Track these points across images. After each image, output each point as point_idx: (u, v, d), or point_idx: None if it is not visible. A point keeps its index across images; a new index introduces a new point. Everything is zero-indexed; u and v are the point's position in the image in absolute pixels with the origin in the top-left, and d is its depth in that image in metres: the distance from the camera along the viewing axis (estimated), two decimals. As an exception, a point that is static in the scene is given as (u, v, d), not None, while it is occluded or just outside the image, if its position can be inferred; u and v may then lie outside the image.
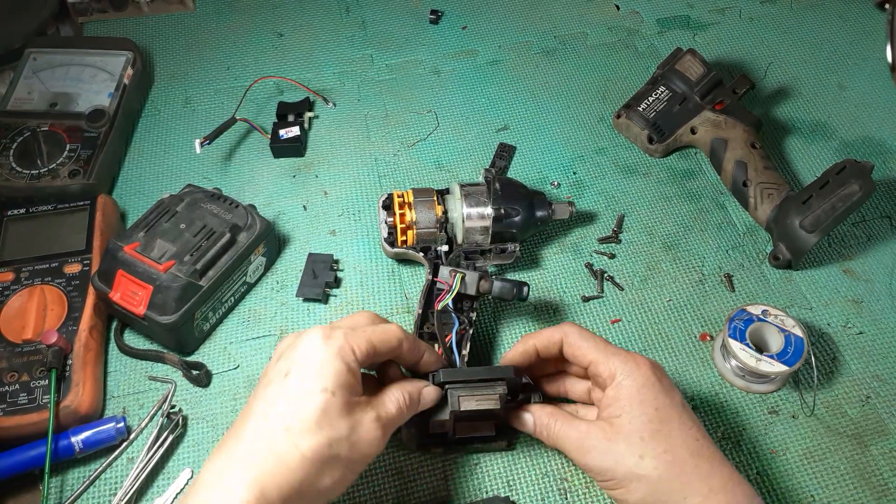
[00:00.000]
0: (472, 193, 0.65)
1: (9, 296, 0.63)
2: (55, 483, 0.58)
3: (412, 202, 0.66)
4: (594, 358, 0.52)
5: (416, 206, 0.65)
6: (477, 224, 0.65)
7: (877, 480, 0.58)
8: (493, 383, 0.54)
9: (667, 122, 0.77)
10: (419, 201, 0.66)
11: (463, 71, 0.87)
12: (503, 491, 0.57)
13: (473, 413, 0.53)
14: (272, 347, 0.65)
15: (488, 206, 0.65)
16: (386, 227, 0.67)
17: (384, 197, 0.68)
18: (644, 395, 0.50)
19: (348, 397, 0.46)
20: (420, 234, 0.65)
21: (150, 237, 0.62)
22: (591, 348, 0.53)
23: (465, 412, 0.53)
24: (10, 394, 0.59)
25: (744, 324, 0.61)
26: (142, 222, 0.64)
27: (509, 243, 0.67)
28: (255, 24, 0.93)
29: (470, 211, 0.65)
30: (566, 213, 0.69)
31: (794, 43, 0.90)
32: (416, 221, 0.65)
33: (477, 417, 0.55)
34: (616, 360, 0.51)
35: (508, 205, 0.65)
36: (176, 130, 0.82)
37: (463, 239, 0.65)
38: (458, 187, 0.66)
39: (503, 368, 0.55)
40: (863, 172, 0.66)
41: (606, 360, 0.52)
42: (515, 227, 0.66)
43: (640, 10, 0.94)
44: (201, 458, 0.59)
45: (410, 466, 0.59)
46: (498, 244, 0.67)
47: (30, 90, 0.79)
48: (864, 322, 0.66)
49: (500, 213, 0.65)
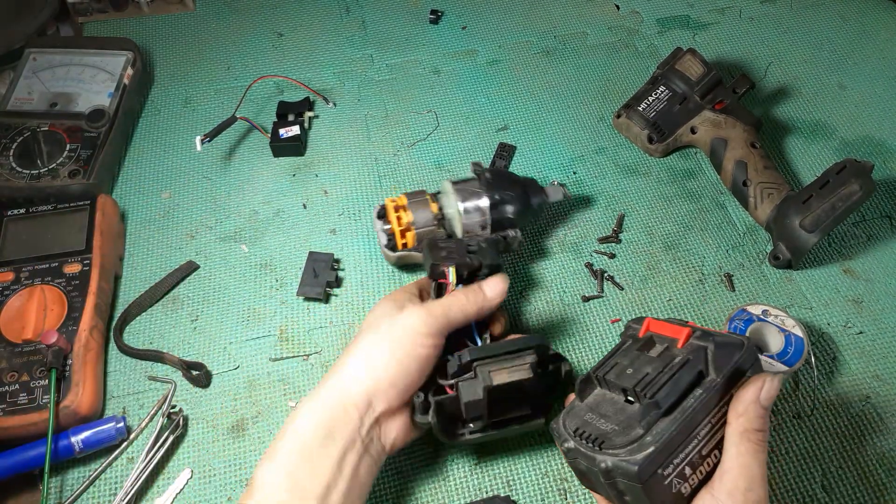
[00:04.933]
0: (465, 188, 0.65)
1: (9, 296, 0.63)
2: (55, 483, 0.58)
3: (406, 205, 0.66)
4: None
5: (411, 208, 0.65)
6: (476, 218, 0.65)
7: (877, 480, 0.58)
8: (521, 353, 0.52)
9: (667, 122, 0.77)
10: (414, 202, 0.66)
11: (463, 71, 0.87)
12: (503, 491, 0.57)
13: (507, 387, 0.51)
14: (272, 347, 0.65)
15: (483, 197, 0.64)
16: (384, 234, 0.67)
17: (377, 208, 0.68)
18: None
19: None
20: (420, 233, 0.65)
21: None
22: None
23: (499, 386, 0.51)
24: (10, 394, 0.59)
25: (744, 324, 0.61)
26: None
27: (509, 230, 0.66)
28: (255, 24, 0.93)
29: (466, 205, 0.64)
30: (559, 195, 0.69)
31: (794, 43, 0.90)
32: (414, 221, 0.65)
33: (511, 392, 0.52)
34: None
35: (502, 192, 0.65)
36: (176, 130, 0.82)
37: (462, 233, 0.65)
38: (450, 184, 0.66)
39: (529, 338, 0.53)
40: (863, 172, 0.66)
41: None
42: (513, 213, 0.66)
43: (640, 10, 0.94)
44: (201, 459, 0.59)
45: (410, 466, 0.59)
46: (499, 232, 0.66)
47: (30, 90, 0.79)
48: (864, 322, 0.66)
49: (496, 199, 0.65)
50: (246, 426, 0.61)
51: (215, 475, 0.58)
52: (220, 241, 0.72)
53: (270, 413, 0.62)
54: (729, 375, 0.45)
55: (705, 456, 0.44)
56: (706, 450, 0.44)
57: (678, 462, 0.43)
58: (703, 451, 0.44)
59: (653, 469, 0.42)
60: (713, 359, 0.45)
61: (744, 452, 0.43)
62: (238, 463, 0.59)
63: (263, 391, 0.63)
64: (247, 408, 0.62)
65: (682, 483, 0.43)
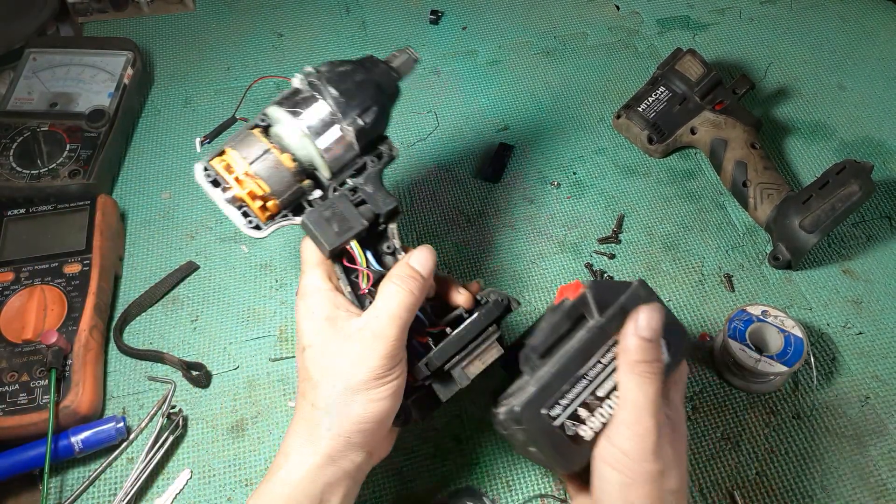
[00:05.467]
0: (309, 115, 0.50)
1: (9, 296, 0.63)
2: (55, 483, 0.58)
3: (247, 168, 0.49)
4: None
5: (255, 170, 0.49)
6: (341, 151, 0.51)
7: (876, 481, 0.58)
8: (484, 334, 0.49)
9: (667, 123, 0.77)
10: (256, 161, 0.49)
11: (463, 71, 0.87)
12: (503, 490, 0.57)
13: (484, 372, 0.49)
14: (272, 347, 0.65)
15: (343, 122, 0.50)
16: (235, 209, 0.50)
17: (200, 171, 0.50)
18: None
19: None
20: (284, 201, 0.50)
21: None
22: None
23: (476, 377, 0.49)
24: (10, 394, 0.59)
25: (743, 324, 0.62)
26: None
27: (382, 145, 0.53)
28: (255, 24, 0.93)
29: (327, 143, 0.50)
30: (410, 65, 0.56)
31: (794, 43, 0.90)
32: (273, 191, 0.49)
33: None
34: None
35: (361, 108, 0.51)
36: (176, 130, 0.82)
37: (331, 171, 0.52)
38: (289, 117, 0.50)
39: (486, 312, 0.49)
40: (862, 173, 0.66)
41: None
42: (379, 122, 0.52)
43: (641, 11, 0.94)
44: (201, 459, 0.59)
45: (410, 466, 0.59)
46: (369, 153, 0.53)
47: (30, 90, 0.79)
48: (863, 322, 0.67)
49: (361, 124, 0.50)
50: (246, 426, 0.61)
51: (215, 475, 0.59)
52: (220, 241, 0.72)
53: (270, 413, 0.62)
54: (612, 316, 0.44)
55: (603, 398, 0.44)
56: (602, 391, 0.44)
57: (566, 403, 0.43)
58: (598, 393, 0.43)
59: (534, 409, 0.42)
60: (595, 303, 0.45)
61: (629, 385, 0.42)
62: (238, 463, 0.59)
63: (263, 391, 0.63)
64: (246, 408, 0.62)
65: (579, 425, 0.43)
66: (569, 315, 0.45)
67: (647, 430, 0.41)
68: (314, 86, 0.51)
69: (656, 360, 0.43)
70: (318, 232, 0.49)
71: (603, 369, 0.44)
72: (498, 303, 0.50)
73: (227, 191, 0.49)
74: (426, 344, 0.50)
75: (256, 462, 0.59)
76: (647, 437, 0.41)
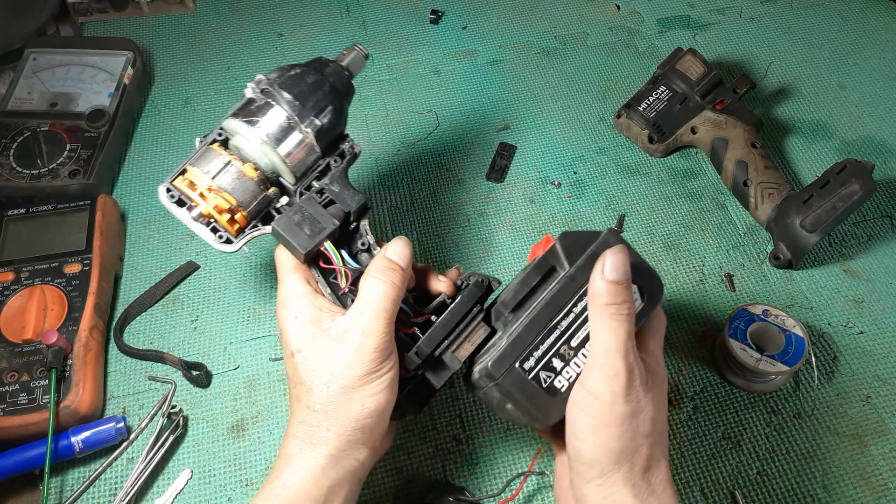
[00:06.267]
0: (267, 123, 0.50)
1: (9, 296, 0.63)
2: (55, 483, 0.58)
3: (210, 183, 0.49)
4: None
5: (219, 184, 0.49)
6: (303, 155, 0.51)
7: (877, 480, 0.58)
8: (469, 315, 0.48)
9: (667, 122, 0.77)
10: (219, 175, 0.49)
11: (463, 71, 0.87)
12: (503, 491, 0.57)
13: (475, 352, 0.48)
14: (272, 347, 0.65)
15: (301, 126, 0.50)
16: (203, 226, 0.51)
17: (164, 192, 0.51)
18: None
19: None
20: (251, 211, 0.51)
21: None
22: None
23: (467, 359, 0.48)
24: (10, 394, 0.58)
25: (744, 323, 0.61)
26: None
27: (343, 143, 0.54)
28: (255, 24, 0.93)
29: (288, 149, 0.50)
30: (361, 62, 0.56)
31: (795, 43, 0.90)
32: (239, 202, 0.50)
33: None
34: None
35: (317, 109, 0.51)
36: (176, 130, 0.82)
37: (295, 175, 0.52)
38: (246, 127, 0.50)
39: (467, 295, 0.49)
40: (863, 172, 0.66)
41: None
42: (338, 123, 0.53)
43: (641, 10, 0.94)
44: (201, 459, 0.59)
45: (410, 466, 0.59)
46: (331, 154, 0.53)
47: (30, 90, 0.79)
48: (864, 322, 0.66)
49: (319, 125, 0.51)
50: (246, 426, 0.61)
51: (215, 475, 0.58)
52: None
53: (270, 413, 0.62)
54: (582, 265, 0.44)
55: (577, 347, 0.43)
56: (576, 341, 0.43)
57: (540, 355, 0.43)
58: (572, 343, 0.43)
59: (506, 363, 0.42)
60: (565, 254, 0.44)
61: (599, 329, 0.42)
62: (238, 463, 0.59)
63: (263, 391, 0.63)
64: (247, 408, 0.62)
65: (554, 376, 0.43)
66: (538, 267, 0.44)
67: (616, 371, 0.41)
68: (267, 92, 0.51)
69: (625, 303, 0.42)
70: (290, 237, 0.49)
71: (576, 319, 0.44)
72: (479, 283, 0.50)
73: (192, 209, 0.49)
74: (413, 334, 0.50)
75: (257, 462, 0.59)
76: (617, 379, 0.41)
